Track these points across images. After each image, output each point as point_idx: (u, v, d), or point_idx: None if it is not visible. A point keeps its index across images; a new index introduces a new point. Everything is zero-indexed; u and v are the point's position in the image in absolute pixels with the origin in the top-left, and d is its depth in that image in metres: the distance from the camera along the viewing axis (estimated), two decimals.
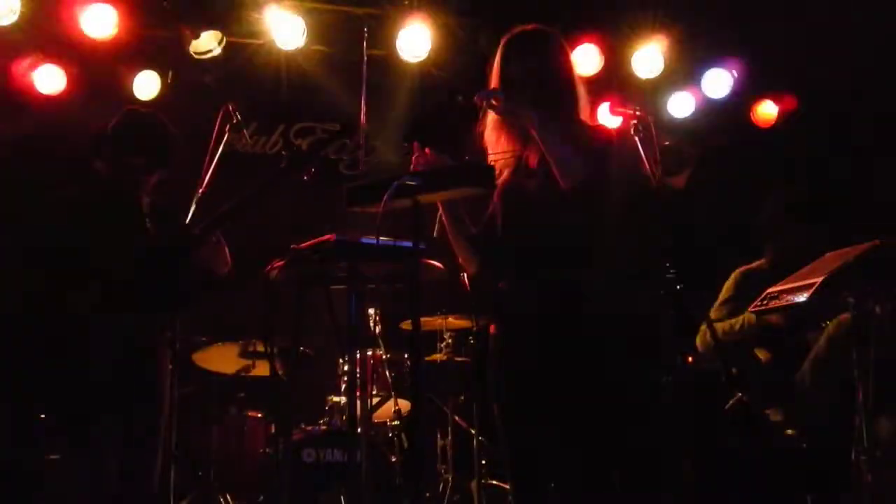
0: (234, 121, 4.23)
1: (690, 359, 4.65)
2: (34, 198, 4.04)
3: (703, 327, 4.39)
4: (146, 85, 5.62)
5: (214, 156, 4.13)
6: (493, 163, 3.16)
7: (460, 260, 3.28)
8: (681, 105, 6.26)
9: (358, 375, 3.87)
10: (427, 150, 3.06)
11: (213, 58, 5.57)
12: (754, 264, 4.63)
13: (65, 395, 3.62)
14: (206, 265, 3.80)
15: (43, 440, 4.49)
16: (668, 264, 4.03)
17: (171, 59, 5.60)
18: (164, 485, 4.51)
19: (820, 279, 3.37)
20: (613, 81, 5.84)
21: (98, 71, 5.50)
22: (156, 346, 3.74)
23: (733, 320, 4.42)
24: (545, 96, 3.12)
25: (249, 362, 5.17)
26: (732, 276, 4.66)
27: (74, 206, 3.74)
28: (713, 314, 4.56)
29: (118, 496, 3.56)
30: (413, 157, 3.07)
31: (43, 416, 4.53)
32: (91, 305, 3.50)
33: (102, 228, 3.65)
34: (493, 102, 3.08)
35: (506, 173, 3.20)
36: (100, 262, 3.58)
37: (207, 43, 5.53)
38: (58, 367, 3.60)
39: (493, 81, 3.21)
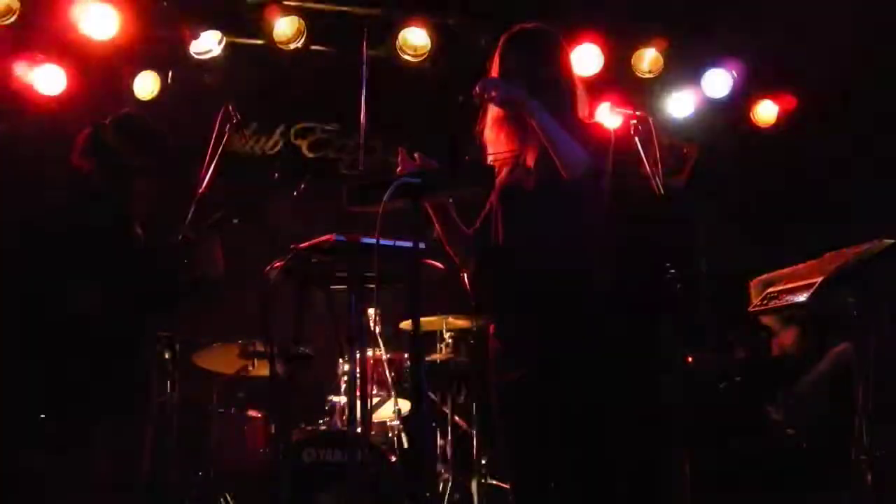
0: (234, 121, 4.22)
1: (690, 359, 4.65)
2: (29, 199, 4.04)
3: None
4: (146, 85, 5.62)
5: (214, 156, 4.12)
6: (492, 162, 3.16)
7: (456, 260, 3.28)
8: (681, 105, 6.26)
9: (358, 375, 3.86)
10: (417, 154, 3.04)
11: (213, 58, 5.58)
12: None
13: (49, 394, 3.61)
14: (197, 268, 3.79)
15: (42, 441, 4.49)
16: (667, 264, 4.03)
17: (171, 59, 5.60)
18: (163, 484, 4.51)
19: (820, 279, 3.37)
20: (613, 81, 5.83)
21: (98, 71, 5.50)
22: (141, 345, 3.73)
23: None
24: (543, 94, 3.11)
25: (249, 362, 5.16)
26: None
27: (65, 207, 3.74)
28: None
29: (109, 494, 3.55)
30: (399, 162, 3.04)
31: (42, 416, 4.53)
32: (75, 305, 3.49)
33: (90, 231, 3.64)
34: (492, 93, 3.06)
35: (504, 172, 3.20)
36: (86, 264, 3.57)
37: (207, 43, 5.54)
38: (41, 368, 3.60)
39: None
